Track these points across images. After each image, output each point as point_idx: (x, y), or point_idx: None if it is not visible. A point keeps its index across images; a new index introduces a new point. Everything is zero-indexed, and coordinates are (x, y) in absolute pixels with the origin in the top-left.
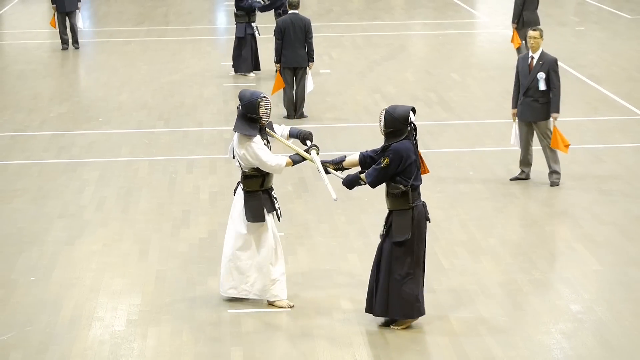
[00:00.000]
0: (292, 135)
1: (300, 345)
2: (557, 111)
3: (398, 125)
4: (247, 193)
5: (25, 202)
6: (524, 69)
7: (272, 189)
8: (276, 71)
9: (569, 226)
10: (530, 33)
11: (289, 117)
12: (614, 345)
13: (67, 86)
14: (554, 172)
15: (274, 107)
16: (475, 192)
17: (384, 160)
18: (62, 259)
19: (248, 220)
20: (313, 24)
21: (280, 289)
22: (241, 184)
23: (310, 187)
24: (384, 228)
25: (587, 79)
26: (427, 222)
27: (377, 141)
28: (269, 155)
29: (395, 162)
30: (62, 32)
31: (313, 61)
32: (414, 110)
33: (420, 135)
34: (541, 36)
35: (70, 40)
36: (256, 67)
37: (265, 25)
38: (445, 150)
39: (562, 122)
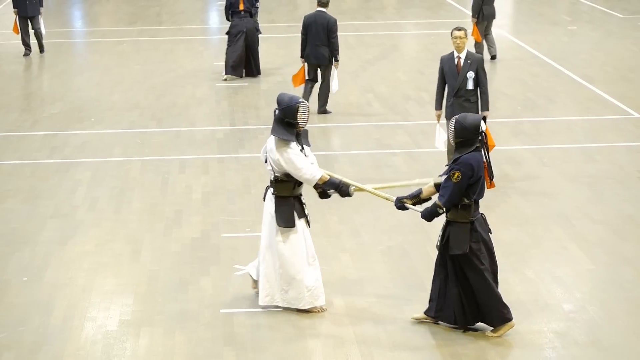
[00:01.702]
0: (333, 182)
1: (292, 345)
2: (488, 109)
3: (468, 134)
4: (278, 198)
5: (18, 203)
6: (452, 70)
7: (301, 194)
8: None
9: (562, 225)
10: (456, 33)
11: None
12: (606, 345)
13: (59, 86)
14: None
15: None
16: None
17: (455, 174)
18: (54, 259)
19: (279, 225)
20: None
21: (315, 296)
22: (271, 189)
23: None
24: (440, 238)
25: (580, 78)
26: (489, 234)
27: (370, 141)
28: (304, 163)
29: (467, 175)
30: (25, 37)
31: (337, 60)
32: (484, 119)
33: (412, 134)
34: (466, 36)
35: (36, 45)
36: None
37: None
38: (438, 149)
39: (554, 121)
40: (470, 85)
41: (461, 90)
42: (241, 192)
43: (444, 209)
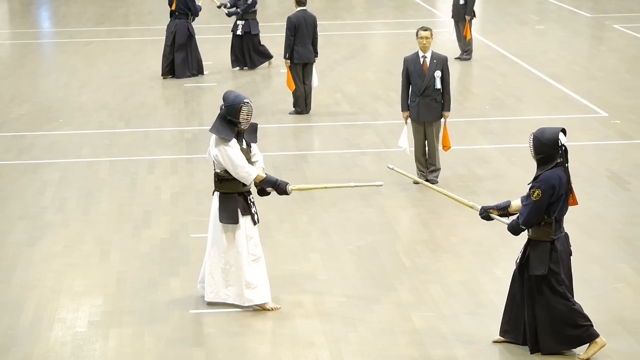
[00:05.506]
0: (270, 180)
1: (262, 346)
2: (449, 110)
3: (548, 150)
4: (222, 195)
5: None
6: (418, 70)
7: (249, 192)
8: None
9: None
10: (422, 33)
11: (301, 112)
12: None
13: (27, 87)
14: (437, 170)
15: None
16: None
17: (535, 192)
18: (23, 260)
19: (221, 221)
20: (273, 24)
21: (255, 294)
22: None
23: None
24: (520, 256)
25: (547, 77)
26: (569, 255)
27: (339, 141)
28: (241, 161)
29: (547, 194)
30: None
31: (317, 56)
32: (564, 131)
33: (381, 134)
34: (431, 36)
35: None
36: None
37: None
38: (402, 149)
39: (522, 120)
40: (438, 85)
41: (428, 90)
42: (210, 192)
43: (524, 228)
